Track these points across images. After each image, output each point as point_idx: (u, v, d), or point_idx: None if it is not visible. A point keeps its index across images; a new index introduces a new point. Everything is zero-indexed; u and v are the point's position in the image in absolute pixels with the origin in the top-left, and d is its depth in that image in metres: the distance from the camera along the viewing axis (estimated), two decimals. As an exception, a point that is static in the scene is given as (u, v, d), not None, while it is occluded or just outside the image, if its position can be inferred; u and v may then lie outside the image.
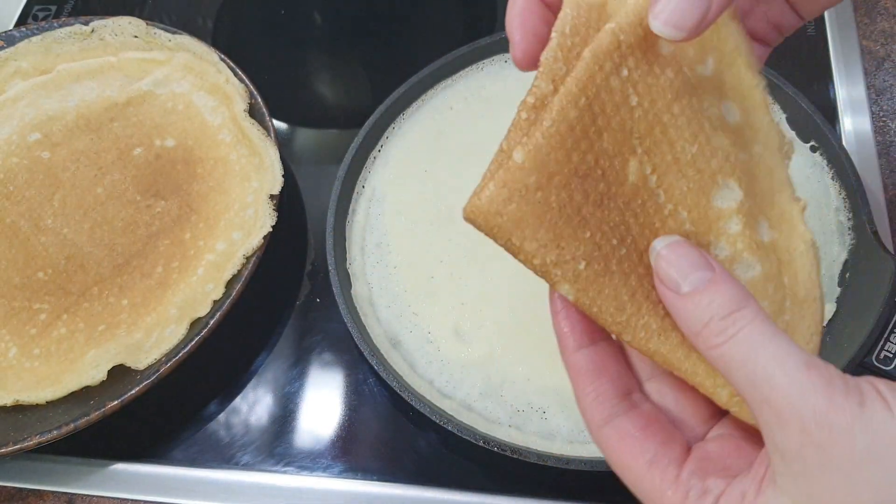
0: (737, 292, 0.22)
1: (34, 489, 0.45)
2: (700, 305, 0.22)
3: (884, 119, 0.55)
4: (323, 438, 0.45)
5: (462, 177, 0.52)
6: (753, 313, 0.22)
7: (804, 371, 0.20)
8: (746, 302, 0.22)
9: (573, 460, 0.39)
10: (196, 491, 0.44)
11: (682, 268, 0.23)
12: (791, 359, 0.20)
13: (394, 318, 0.47)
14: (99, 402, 0.43)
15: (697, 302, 0.22)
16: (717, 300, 0.22)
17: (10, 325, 0.48)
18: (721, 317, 0.22)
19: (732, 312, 0.22)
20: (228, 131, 0.53)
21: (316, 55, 0.66)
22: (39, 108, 0.56)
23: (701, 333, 0.22)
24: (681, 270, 0.23)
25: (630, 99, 0.23)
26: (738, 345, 0.21)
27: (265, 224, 0.47)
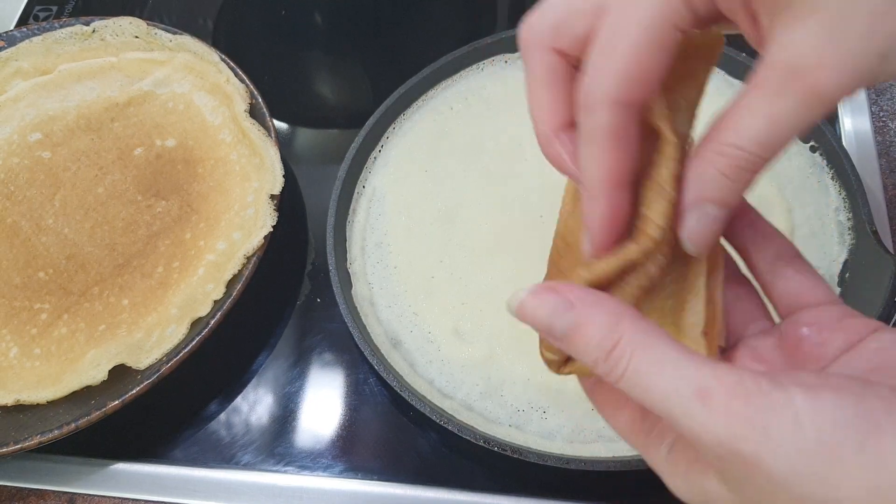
0: (604, 323, 0.21)
1: (35, 489, 0.45)
2: (580, 352, 0.22)
3: (884, 119, 0.55)
4: (323, 438, 0.45)
5: (462, 177, 0.52)
6: (629, 343, 0.21)
7: (698, 405, 0.19)
8: (618, 330, 0.21)
9: (573, 460, 0.39)
10: (197, 491, 0.44)
11: (542, 320, 0.22)
12: (682, 391, 0.20)
13: (394, 318, 0.47)
14: (100, 401, 0.43)
15: (577, 347, 0.22)
16: (590, 341, 0.21)
17: (11, 324, 0.48)
18: (602, 359, 0.21)
19: (609, 352, 0.21)
20: (229, 131, 0.53)
21: (316, 55, 0.66)
22: (40, 109, 0.56)
23: (599, 372, 0.22)
24: (542, 323, 0.22)
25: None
26: (629, 385, 0.21)
27: (266, 224, 0.47)
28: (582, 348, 0.22)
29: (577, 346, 0.22)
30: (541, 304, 0.22)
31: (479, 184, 0.51)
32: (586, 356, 0.22)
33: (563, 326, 0.22)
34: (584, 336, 0.22)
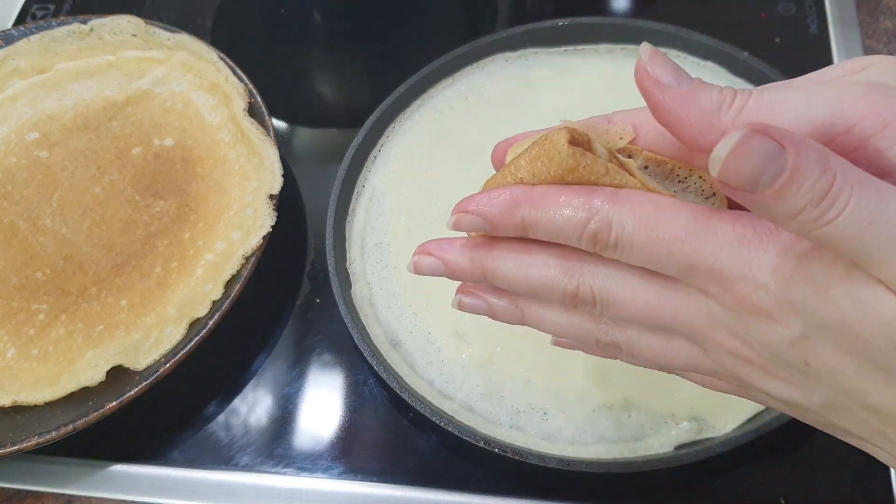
0: (822, 170, 0.19)
1: (33, 490, 0.45)
2: (786, 200, 0.19)
3: (886, 118, 0.54)
4: (323, 439, 0.45)
5: (462, 176, 0.52)
6: (848, 179, 0.19)
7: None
8: (834, 175, 0.19)
9: (574, 461, 0.39)
10: (195, 492, 0.44)
11: (752, 167, 0.19)
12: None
13: (394, 319, 0.46)
14: (97, 402, 0.42)
15: (783, 198, 0.19)
16: (803, 189, 0.19)
17: (9, 325, 0.48)
18: (815, 204, 0.19)
19: (825, 195, 0.19)
20: (228, 130, 0.53)
21: (316, 54, 0.66)
22: (38, 108, 0.56)
23: (795, 220, 0.19)
24: (751, 171, 0.19)
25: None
26: (843, 227, 0.19)
27: (265, 224, 0.47)
28: (795, 193, 0.19)
29: (790, 191, 0.19)
30: (752, 151, 0.19)
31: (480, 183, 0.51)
32: (798, 201, 0.19)
33: (776, 169, 0.19)
34: (800, 179, 0.19)
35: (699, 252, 0.22)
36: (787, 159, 0.19)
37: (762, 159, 0.19)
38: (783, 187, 0.19)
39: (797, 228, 0.20)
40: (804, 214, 0.19)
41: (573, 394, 0.42)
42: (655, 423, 0.41)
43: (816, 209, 0.19)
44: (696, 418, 0.41)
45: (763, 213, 0.20)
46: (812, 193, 0.19)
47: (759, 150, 0.19)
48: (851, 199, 0.19)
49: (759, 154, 0.19)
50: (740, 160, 0.19)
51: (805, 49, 0.58)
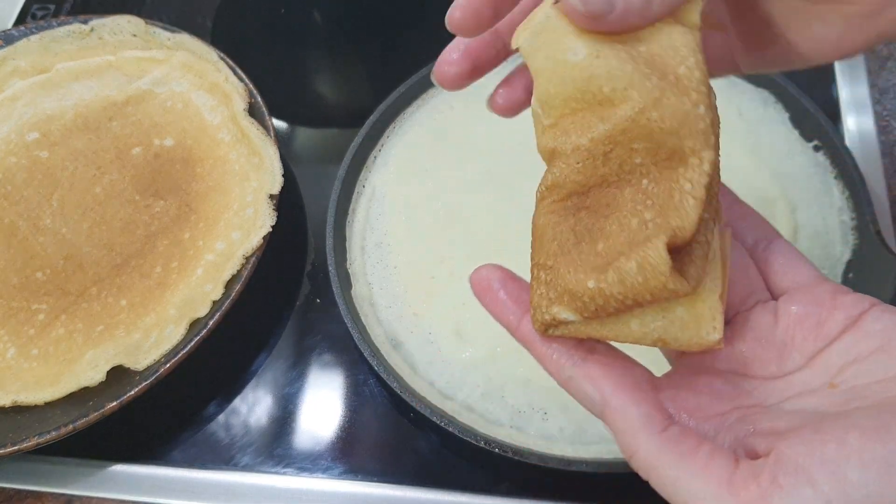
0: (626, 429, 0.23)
1: (33, 490, 0.45)
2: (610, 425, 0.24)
3: (887, 118, 0.54)
4: (323, 440, 0.45)
5: (462, 176, 0.52)
6: (645, 458, 0.23)
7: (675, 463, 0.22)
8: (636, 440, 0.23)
9: (574, 461, 0.39)
10: (195, 492, 0.44)
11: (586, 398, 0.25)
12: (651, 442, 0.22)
13: (394, 319, 0.46)
14: (98, 402, 0.42)
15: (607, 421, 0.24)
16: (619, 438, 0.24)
17: (9, 325, 0.48)
18: (629, 458, 0.24)
19: (630, 456, 0.23)
20: (228, 130, 0.53)
21: (316, 54, 0.66)
22: (38, 108, 0.56)
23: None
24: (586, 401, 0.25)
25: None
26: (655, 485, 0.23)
27: (265, 224, 0.47)
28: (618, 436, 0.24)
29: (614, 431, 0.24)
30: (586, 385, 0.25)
31: (480, 183, 0.51)
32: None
33: (599, 410, 0.25)
34: (614, 427, 0.24)
35: None
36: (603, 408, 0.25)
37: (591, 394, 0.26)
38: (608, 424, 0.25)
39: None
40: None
41: (573, 394, 0.42)
42: (656, 423, 0.41)
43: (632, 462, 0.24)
44: (696, 418, 0.41)
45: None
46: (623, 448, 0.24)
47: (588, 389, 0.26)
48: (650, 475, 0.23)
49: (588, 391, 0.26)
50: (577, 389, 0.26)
51: (805, 49, 0.58)
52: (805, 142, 0.49)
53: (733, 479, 0.21)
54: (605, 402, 0.24)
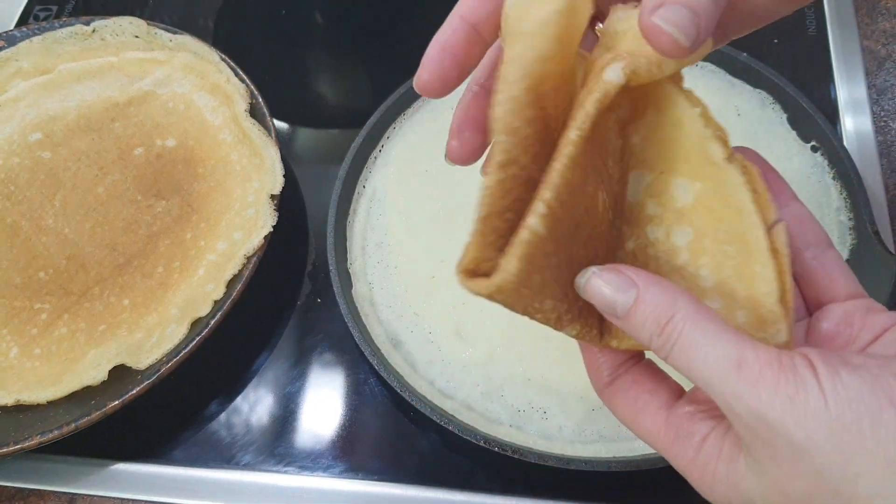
0: (662, 301, 0.23)
1: (35, 489, 0.45)
2: (637, 327, 0.23)
3: (885, 119, 0.55)
4: (324, 438, 0.45)
5: (463, 177, 0.52)
6: (683, 319, 0.22)
7: (734, 373, 0.21)
8: (674, 307, 0.22)
9: (574, 460, 0.39)
10: (197, 491, 0.44)
11: (607, 297, 0.23)
12: (722, 362, 0.21)
13: (395, 318, 0.47)
14: (100, 401, 0.43)
15: (634, 324, 0.23)
16: (648, 317, 0.23)
17: (12, 324, 0.48)
18: (657, 333, 0.23)
19: (664, 326, 0.22)
20: (229, 131, 0.53)
21: (317, 55, 0.66)
22: (40, 108, 0.56)
23: (651, 348, 0.23)
24: (607, 300, 0.23)
25: (612, 143, 0.24)
26: (677, 357, 0.22)
27: (266, 224, 0.47)
28: (640, 323, 0.23)
29: (636, 320, 0.23)
30: (606, 283, 0.23)
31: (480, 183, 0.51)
32: (643, 331, 0.23)
33: (625, 302, 0.23)
34: (644, 311, 0.23)
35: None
36: (634, 291, 0.23)
37: (613, 289, 0.23)
38: (630, 316, 0.23)
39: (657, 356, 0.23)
40: (652, 342, 0.23)
41: (573, 392, 0.42)
42: (655, 421, 0.41)
43: (660, 337, 0.23)
44: (695, 417, 0.41)
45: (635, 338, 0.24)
46: (655, 325, 0.23)
47: (610, 283, 0.23)
48: (681, 336, 0.22)
49: (610, 285, 0.23)
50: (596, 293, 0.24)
51: (803, 49, 0.58)
52: (803, 142, 0.50)
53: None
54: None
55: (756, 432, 0.21)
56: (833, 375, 0.20)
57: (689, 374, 0.22)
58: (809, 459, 0.20)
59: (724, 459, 0.23)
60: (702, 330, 0.22)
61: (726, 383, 0.21)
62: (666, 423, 0.25)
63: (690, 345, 0.22)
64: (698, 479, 0.24)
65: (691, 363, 0.22)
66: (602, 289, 0.23)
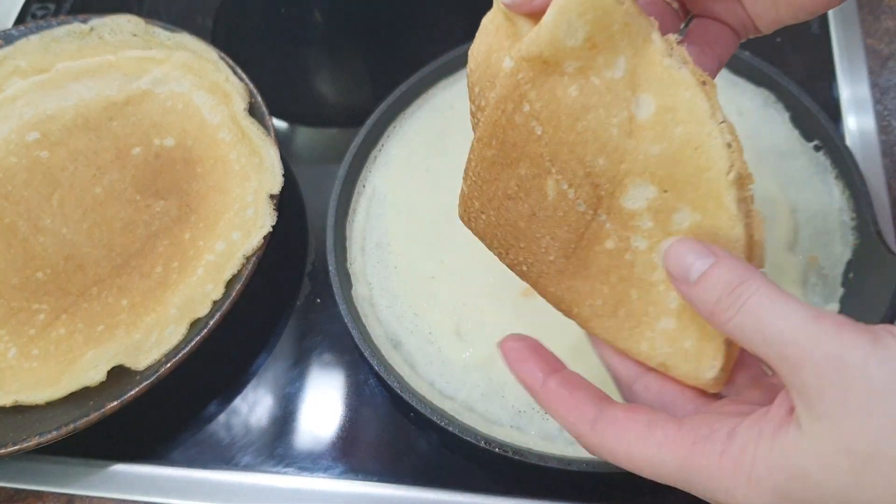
0: (739, 268, 0.24)
1: (33, 490, 0.45)
2: (708, 288, 0.24)
3: (888, 118, 0.54)
4: (323, 439, 0.45)
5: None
6: (758, 283, 0.23)
7: (812, 321, 0.21)
8: (750, 275, 0.23)
9: (574, 461, 0.39)
10: (196, 492, 0.44)
11: (686, 260, 0.25)
12: (798, 313, 0.22)
13: (394, 319, 0.46)
14: (98, 402, 0.42)
15: (705, 285, 0.24)
16: (721, 279, 0.24)
17: (9, 325, 0.48)
18: (728, 293, 0.23)
19: (737, 286, 0.23)
20: (228, 130, 0.53)
21: (316, 53, 0.66)
22: (38, 108, 0.56)
23: (714, 312, 0.24)
24: (685, 263, 0.25)
25: (535, 130, 0.26)
26: (747, 313, 0.23)
27: (265, 224, 0.47)
28: (711, 285, 0.24)
29: (708, 283, 0.24)
30: (689, 249, 0.25)
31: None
32: (710, 293, 0.24)
33: (701, 265, 0.24)
34: (717, 275, 0.24)
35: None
36: (712, 258, 0.24)
37: (693, 256, 0.25)
38: (703, 279, 0.24)
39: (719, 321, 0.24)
40: (719, 303, 0.24)
41: (574, 394, 0.42)
42: (656, 423, 0.41)
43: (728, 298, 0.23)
44: (696, 418, 0.41)
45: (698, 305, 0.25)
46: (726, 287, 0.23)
47: (691, 250, 0.25)
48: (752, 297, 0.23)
49: (691, 252, 0.25)
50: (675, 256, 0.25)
51: (806, 48, 0.58)
52: (805, 142, 0.49)
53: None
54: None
55: (831, 379, 0.21)
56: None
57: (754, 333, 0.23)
58: (885, 403, 0.20)
59: (767, 436, 0.22)
60: (776, 293, 0.23)
61: (803, 331, 0.21)
62: (679, 432, 0.25)
63: (764, 302, 0.22)
64: (731, 472, 0.23)
65: (763, 318, 0.22)
66: (685, 253, 0.25)
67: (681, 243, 0.25)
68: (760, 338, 0.22)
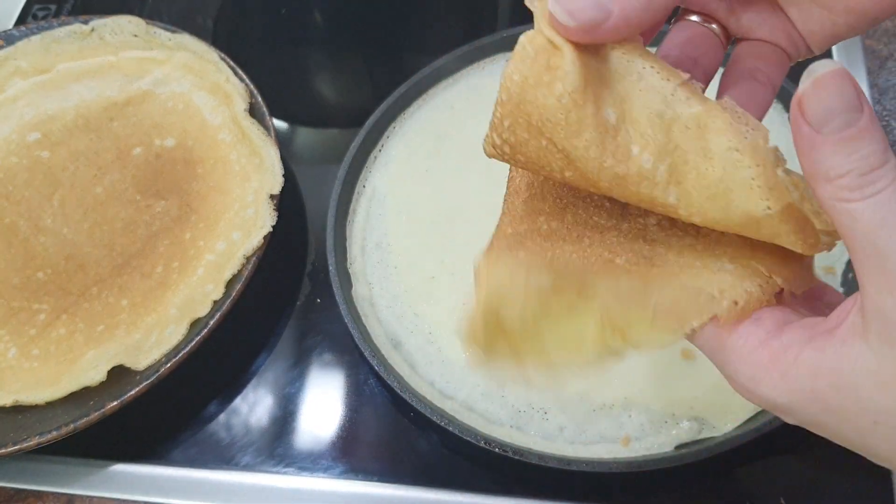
0: (882, 146, 0.20)
1: (34, 490, 0.45)
2: (841, 154, 0.20)
3: (887, 118, 0.54)
4: (323, 439, 0.45)
5: (463, 177, 0.52)
6: (894, 174, 0.20)
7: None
8: (888, 158, 0.20)
9: (574, 461, 0.39)
10: (196, 492, 0.44)
11: (832, 105, 0.20)
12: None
13: (394, 319, 0.46)
14: (98, 402, 0.42)
15: (839, 150, 0.20)
16: (861, 152, 0.20)
17: (10, 325, 0.48)
18: (861, 172, 0.20)
19: (874, 169, 0.20)
20: (228, 131, 0.53)
21: (316, 54, 0.66)
22: (39, 108, 0.56)
23: (833, 182, 0.20)
24: (829, 108, 0.20)
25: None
26: (874, 207, 0.20)
27: (265, 224, 0.47)
28: (847, 152, 0.20)
29: (845, 148, 0.20)
30: (840, 91, 0.20)
31: (481, 183, 0.51)
32: (845, 161, 0.20)
33: (844, 122, 0.20)
34: (860, 143, 0.20)
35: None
36: (861, 117, 0.20)
37: (843, 103, 0.20)
38: (846, 140, 0.20)
39: (832, 194, 0.20)
40: (846, 179, 0.20)
41: (573, 393, 0.42)
42: (655, 422, 0.41)
43: (860, 179, 0.20)
44: (696, 418, 0.41)
45: (812, 161, 0.21)
46: (864, 163, 0.20)
47: (844, 94, 0.20)
48: (881, 194, 0.20)
49: (843, 97, 0.20)
50: (824, 92, 0.20)
51: (805, 49, 0.58)
52: (805, 142, 0.49)
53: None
54: None
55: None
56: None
57: (868, 231, 0.20)
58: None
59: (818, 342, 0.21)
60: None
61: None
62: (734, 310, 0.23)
63: (893, 203, 0.19)
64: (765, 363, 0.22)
65: (885, 221, 0.19)
66: (831, 95, 0.20)
67: (836, 77, 0.20)
68: (870, 239, 0.20)
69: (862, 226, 0.20)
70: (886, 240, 0.19)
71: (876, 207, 0.20)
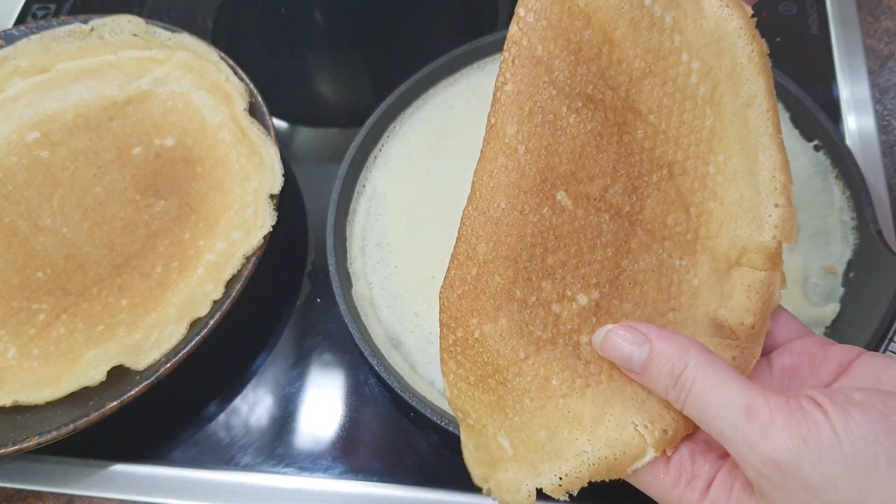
0: (675, 352, 0.24)
1: (33, 490, 0.45)
2: (654, 379, 0.25)
3: (888, 118, 0.54)
4: (323, 439, 0.45)
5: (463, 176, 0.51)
6: (694, 368, 0.24)
7: (745, 421, 0.22)
8: (686, 358, 0.24)
9: (575, 462, 0.39)
10: (196, 492, 0.44)
11: (625, 351, 0.26)
12: (733, 409, 0.23)
13: (395, 319, 0.46)
14: (98, 402, 0.42)
15: (650, 378, 0.25)
16: (663, 369, 0.24)
17: (9, 325, 0.48)
18: (672, 384, 0.24)
19: (678, 377, 0.24)
20: (228, 130, 0.53)
21: (316, 54, 0.66)
22: (38, 107, 0.56)
23: (668, 399, 0.25)
24: (625, 354, 0.26)
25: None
26: (691, 407, 0.24)
27: (265, 224, 0.47)
28: (655, 375, 0.25)
29: (653, 372, 0.25)
30: (622, 338, 0.26)
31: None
32: (660, 383, 0.25)
33: (640, 355, 0.25)
34: (659, 363, 0.25)
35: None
36: (648, 347, 0.25)
37: (630, 343, 0.25)
38: (646, 370, 0.25)
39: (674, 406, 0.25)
40: (668, 393, 0.24)
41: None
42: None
43: (674, 389, 0.24)
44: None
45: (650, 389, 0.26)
46: (670, 378, 0.24)
47: (626, 336, 0.26)
48: (693, 385, 0.24)
49: (628, 340, 0.25)
50: (617, 342, 0.26)
51: (806, 48, 0.58)
52: (805, 141, 0.49)
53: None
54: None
55: (769, 478, 0.22)
56: (843, 414, 0.21)
57: (702, 424, 0.24)
58: (825, 498, 0.21)
59: (735, 499, 0.24)
60: (712, 380, 0.23)
61: (737, 431, 0.22)
62: (667, 466, 0.26)
63: (701, 394, 0.23)
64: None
65: (703, 413, 0.23)
66: (620, 344, 0.26)
67: (613, 333, 0.26)
68: (706, 428, 0.24)
69: (696, 419, 0.24)
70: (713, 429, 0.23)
71: (694, 403, 0.24)
